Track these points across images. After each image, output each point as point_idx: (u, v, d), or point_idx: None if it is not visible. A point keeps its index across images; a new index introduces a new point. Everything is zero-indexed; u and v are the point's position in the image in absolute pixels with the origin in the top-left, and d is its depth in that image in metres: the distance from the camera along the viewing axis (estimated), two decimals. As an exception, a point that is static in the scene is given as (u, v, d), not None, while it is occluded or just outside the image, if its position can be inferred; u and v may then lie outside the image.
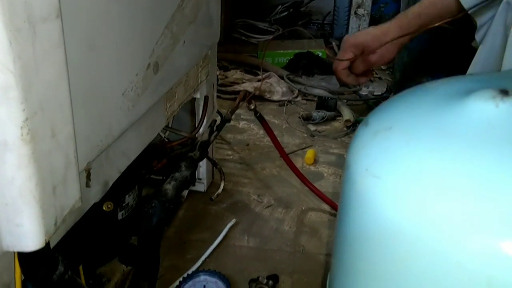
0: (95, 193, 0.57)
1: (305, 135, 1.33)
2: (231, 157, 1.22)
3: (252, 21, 2.09)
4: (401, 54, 1.36)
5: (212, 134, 0.88)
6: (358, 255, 0.50)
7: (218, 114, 0.99)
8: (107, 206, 0.67)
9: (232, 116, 0.94)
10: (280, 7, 2.12)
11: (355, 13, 1.93)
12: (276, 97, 1.53)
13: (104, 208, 0.67)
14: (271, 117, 1.42)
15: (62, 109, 0.42)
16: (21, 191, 0.39)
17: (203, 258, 0.86)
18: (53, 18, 0.39)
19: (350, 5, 2.00)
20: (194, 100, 0.95)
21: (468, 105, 0.44)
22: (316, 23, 2.19)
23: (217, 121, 0.91)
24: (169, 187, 0.69)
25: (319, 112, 1.41)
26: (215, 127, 0.89)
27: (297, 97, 1.55)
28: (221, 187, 0.89)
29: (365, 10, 1.92)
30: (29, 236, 0.41)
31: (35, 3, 0.37)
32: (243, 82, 1.59)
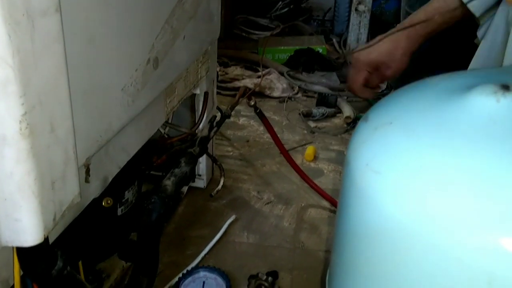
0: (94, 188, 0.56)
1: (305, 131, 1.33)
2: (231, 153, 1.22)
3: (253, 17, 2.08)
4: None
5: (212, 130, 0.88)
6: (357, 251, 0.50)
7: (218, 110, 0.99)
8: (107, 202, 0.67)
9: (232, 112, 0.94)
10: (280, 3, 2.11)
11: (356, 9, 1.93)
12: (276, 93, 1.52)
13: (103, 203, 0.66)
14: (271, 113, 1.42)
15: (61, 103, 0.42)
16: (20, 186, 0.39)
17: (202, 254, 0.86)
18: (52, 12, 0.39)
19: (350, 2, 1.99)
20: (194, 96, 0.94)
21: (469, 100, 0.44)
22: (317, 19, 2.18)
23: (217, 117, 0.91)
24: (168, 183, 0.69)
25: (319, 108, 1.41)
26: (215, 123, 0.89)
27: (297, 93, 1.55)
28: (221, 183, 0.89)
29: (365, 6, 1.92)
30: (28, 231, 0.41)
31: (34, -4, 0.36)
32: (243, 79, 1.59)
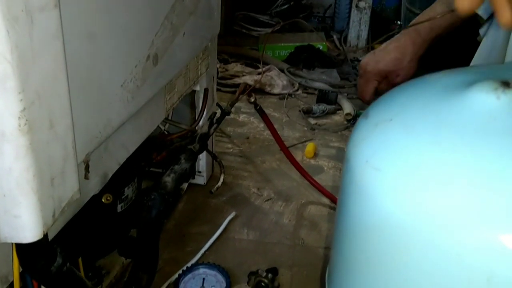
0: (94, 185, 0.56)
1: (305, 128, 1.33)
2: (231, 150, 1.22)
3: (253, 14, 2.08)
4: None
5: (212, 127, 0.88)
6: (357, 247, 0.50)
7: (218, 106, 0.99)
8: (106, 198, 0.67)
9: (232, 109, 0.93)
10: (281, 0, 2.11)
11: (356, 6, 1.92)
12: (276, 90, 1.52)
13: (103, 200, 0.67)
14: (271, 110, 1.41)
15: (60, 99, 0.42)
16: (19, 182, 0.39)
17: (202, 251, 0.86)
18: (51, 8, 0.39)
19: (351, -2, 1.99)
20: (194, 93, 0.94)
21: (469, 97, 0.43)
22: (317, 16, 2.18)
23: (217, 113, 0.91)
24: (168, 179, 0.69)
25: (319, 105, 1.40)
26: (215, 119, 0.89)
27: (297, 90, 1.55)
28: (221, 180, 0.89)
29: (366, 3, 1.91)
30: (27, 227, 0.41)
31: (33, -8, 0.36)
32: (243, 75, 1.58)
